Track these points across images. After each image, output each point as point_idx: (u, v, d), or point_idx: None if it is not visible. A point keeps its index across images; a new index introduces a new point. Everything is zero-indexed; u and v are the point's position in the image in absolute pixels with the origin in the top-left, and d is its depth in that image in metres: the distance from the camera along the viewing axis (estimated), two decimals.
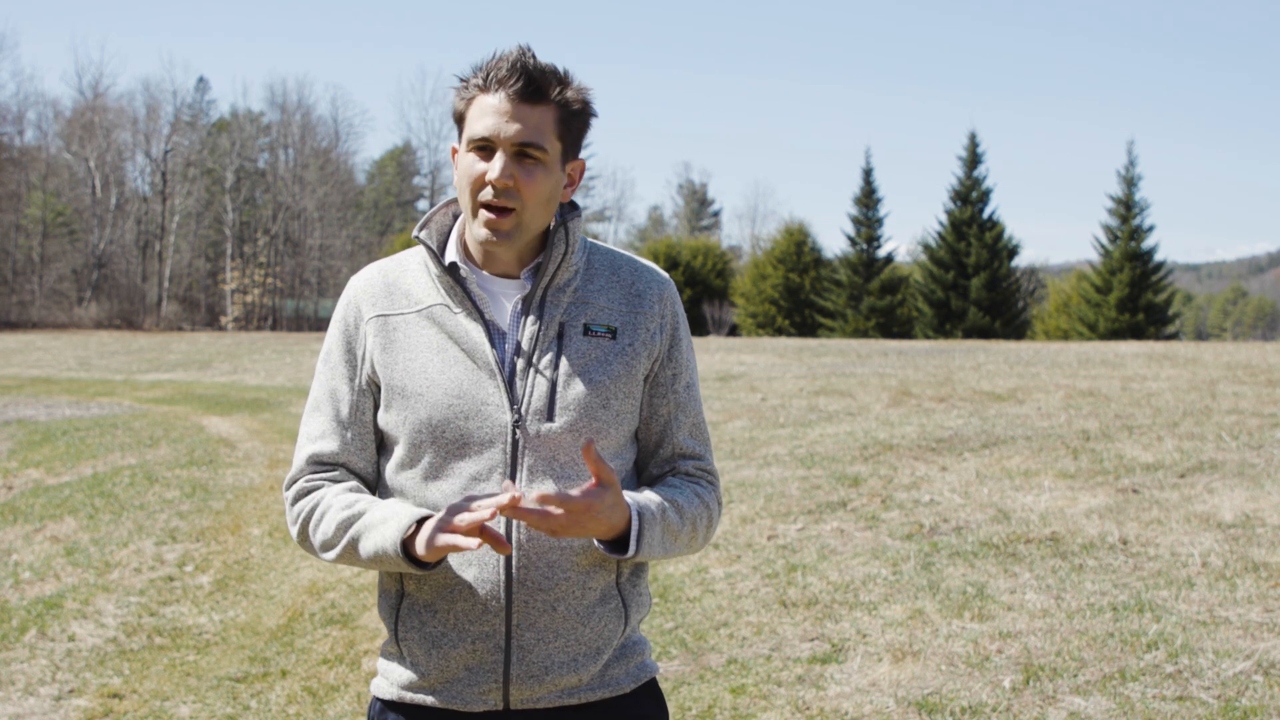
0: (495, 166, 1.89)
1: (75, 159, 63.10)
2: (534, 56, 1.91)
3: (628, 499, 1.90)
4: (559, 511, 1.77)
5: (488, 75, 1.91)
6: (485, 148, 1.91)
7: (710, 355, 23.28)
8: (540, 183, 1.91)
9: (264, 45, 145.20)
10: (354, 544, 1.93)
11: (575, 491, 1.79)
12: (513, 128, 1.89)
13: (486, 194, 1.91)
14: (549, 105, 1.91)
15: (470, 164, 1.92)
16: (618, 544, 1.92)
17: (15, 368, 29.78)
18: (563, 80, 1.93)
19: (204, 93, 71.57)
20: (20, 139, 63.08)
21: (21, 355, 33.93)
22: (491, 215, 1.91)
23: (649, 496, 1.96)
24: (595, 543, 1.92)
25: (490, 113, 1.90)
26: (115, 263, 62.07)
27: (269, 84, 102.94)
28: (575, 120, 1.95)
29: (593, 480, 1.82)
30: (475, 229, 1.94)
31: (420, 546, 1.84)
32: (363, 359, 2.02)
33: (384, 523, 1.89)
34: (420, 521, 1.88)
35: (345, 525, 1.94)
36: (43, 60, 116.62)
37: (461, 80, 1.95)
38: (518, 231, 1.93)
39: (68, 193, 62.86)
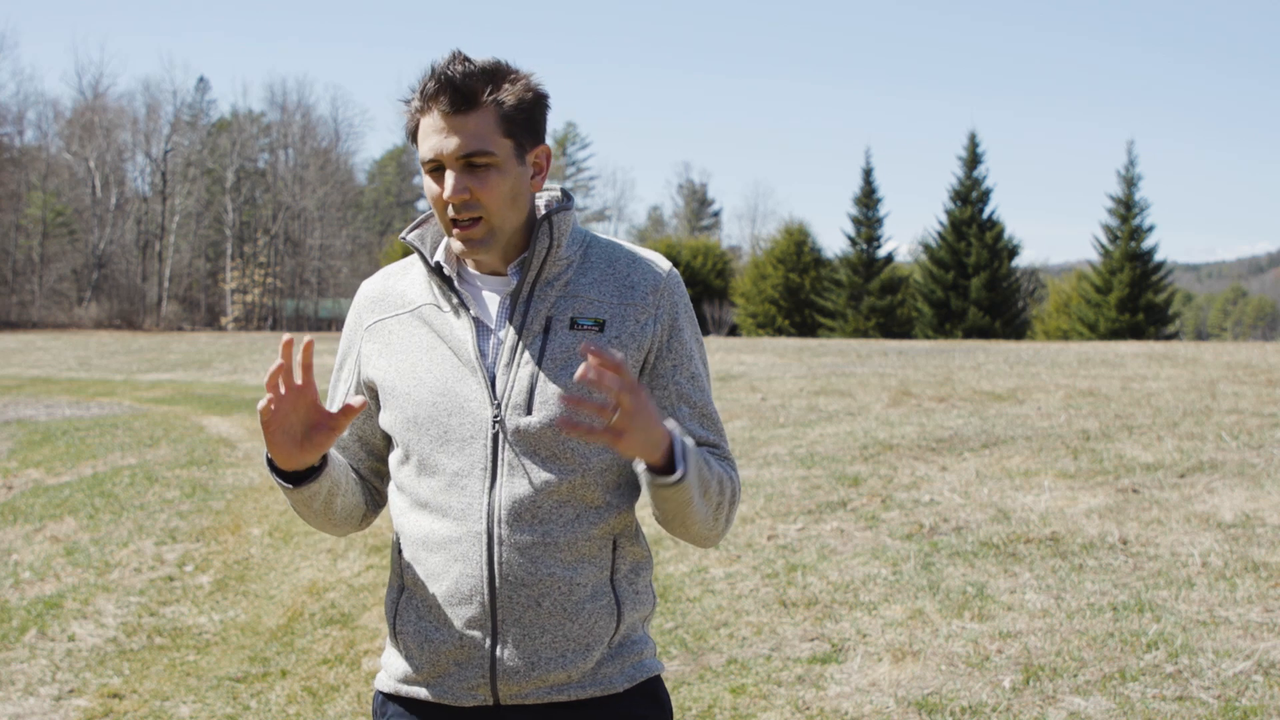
0: (448, 185, 1.90)
1: (75, 159, 63.13)
2: (461, 63, 1.89)
3: (666, 421, 1.84)
4: (615, 378, 1.70)
5: (422, 94, 1.91)
6: (436, 168, 1.92)
7: (710, 355, 23.28)
8: (496, 186, 1.91)
9: (264, 45, 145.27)
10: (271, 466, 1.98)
11: (625, 377, 1.72)
12: (452, 142, 1.89)
13: (450, 211, 1.93)
14: (483, 108, 1.89)
15: (429, 186, 1.94)
16: (663, 469, 1.82)
17: (15, 368, 29.78)
18: (494, 77, 1.90)
19: (204, 93, 71.66)
20: (20, 139, 63.17)
21: (21, 355, 33.94)
22: (459, 229, 1.93)
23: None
24: (641, 468, 1.82)
25: (430, 132, 1.91)
26: (115, 263, 62.10)
27: (269, 84, 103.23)
28: (519, 113, 1.92)
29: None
30: (453, 245, 1.97)
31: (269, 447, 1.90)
32: (358, 365, 2.08)
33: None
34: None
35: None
36: (43, 60, 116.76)
37: (405, 102, 1.96)
38: (491, 237, 1.94)
39: (68, 193, 62.89)
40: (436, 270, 2.01)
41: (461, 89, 1.87)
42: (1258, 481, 7.48)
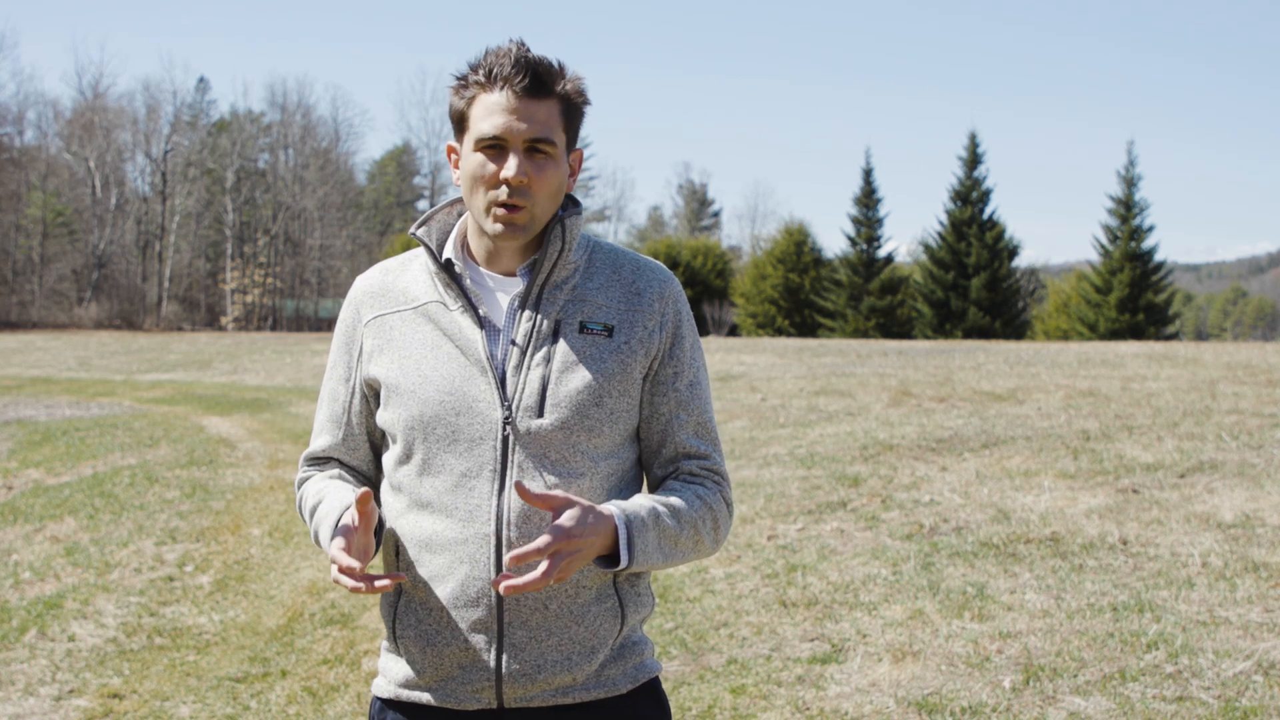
0: (511, 165, 1.89)
1: (75, 159, 63.09)
2: (531, 51, 1.91)
3: (611, 508, 1.88)
4: (544, 564, 1.77)
5: (490, 72, 1.90)
6: (495, 146, 1.90)
7: (710, 355, 23.27)
8: (551, 177, 1.92)
9: (264, 45, 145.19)
10: (318, 538, 2.00)
11: (541, 539, 1.77)
12: (524, 125, 1.88)
13: (501, 193, 1.90)
14: (554, 99, 1.91)
15: (480, 164, 1.91)
16: (612, 557, 1.90)
17: (15, 368, 29.78)
18: (562, 73, 1.93)
19: (204, 93, 71.60)
20: (20, 139, 63.12)
21: (21, 355, 33.93)
22: (504, 211, 1.91)
23: (638, 502, 1.92)
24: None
25: (498, 111, 1.89)
26: (115, 263, 62.08)
27: (269, 84, 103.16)
28: (576, 112, 1.96)
29: (552, 515, 1.82)
30: (489, 225, 1.94)
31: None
32: (358, 361, 2.06)
33: (323, 522, 1.97)
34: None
35: (311, 514, 2.04)
36: (43, 60, 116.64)
37: (459, 78, 1.94)
38: (531, 225, 1.93)
39: (68, 193, 62.85)
40: (447, 267, 1.99)
41: (541, 74, 1.89)
42: (1258, 481, 7.48)
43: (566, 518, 1.80)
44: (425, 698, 1.98)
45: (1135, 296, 43.01)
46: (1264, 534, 6.29)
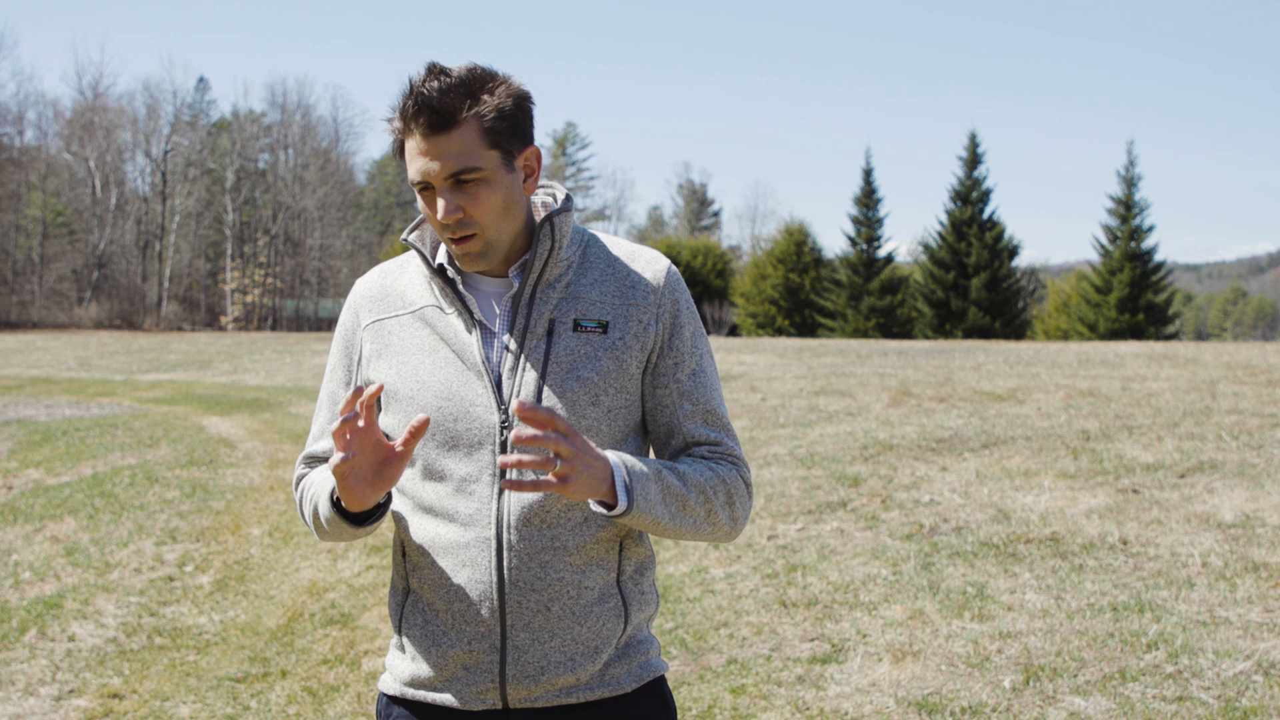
0: (440, 206, 1.88)
1: (75, 159, 63.10)
2: (437, 78, 1.85)
3: (607, 454, 1.85)
4: (553, 439, 1.72)
5: (402, 115, 1.88)
6: (425, 188, 1.90)
7: None
8: (487, 200, 1.89)
9: (264, 45, 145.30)
10: (316, 516, 1.98)
11: (545, 410, 1.74)
12: (436, 165, 1.86)
13: (446, 231, 1.92)
14: (464, 124, 1.86)
15: (422, 205, 1.93)
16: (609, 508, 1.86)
17: (15, 368, 29.77)
18: (471, 89, 1.86)
19: (204, 93, 71.67)
20: (20, 139, 63.09)
21: (21, 355, 33.93)
22: (457, 245, 1.92)
23: (638, 458, 1.90)
24: (591, 504, 1.86)
25: (415, 155, 1.88)
26: (115, 263, 62.08)
27: (269, 84, 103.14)
28: (501, 122, 1.88)
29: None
30: (456, 258, 1.96)
31: (338, 492, 1.88)
32: (358, 364, 2.06)
33: (322, 485, 1.96)
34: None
35: (313, 498, 2.01)
36: (43, 60, 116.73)
37: (387, 121, 1.93)
38: (489, 249, 1.93)
39: (68, 193, 62.85)
40: (439, 272, 1.99)
41: (439, 109, 1.84)
42: (1258, 481, 7.47)
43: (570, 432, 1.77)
44: (430, 697, 1.98)
45: (1135, 296, 43.00)
46: (1264, 534, 6.29)
